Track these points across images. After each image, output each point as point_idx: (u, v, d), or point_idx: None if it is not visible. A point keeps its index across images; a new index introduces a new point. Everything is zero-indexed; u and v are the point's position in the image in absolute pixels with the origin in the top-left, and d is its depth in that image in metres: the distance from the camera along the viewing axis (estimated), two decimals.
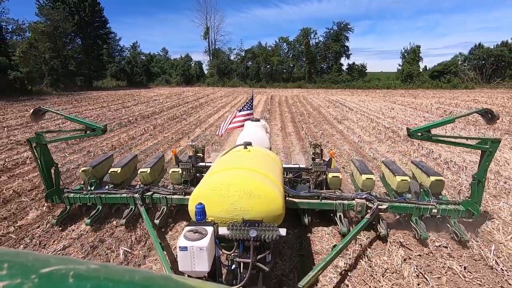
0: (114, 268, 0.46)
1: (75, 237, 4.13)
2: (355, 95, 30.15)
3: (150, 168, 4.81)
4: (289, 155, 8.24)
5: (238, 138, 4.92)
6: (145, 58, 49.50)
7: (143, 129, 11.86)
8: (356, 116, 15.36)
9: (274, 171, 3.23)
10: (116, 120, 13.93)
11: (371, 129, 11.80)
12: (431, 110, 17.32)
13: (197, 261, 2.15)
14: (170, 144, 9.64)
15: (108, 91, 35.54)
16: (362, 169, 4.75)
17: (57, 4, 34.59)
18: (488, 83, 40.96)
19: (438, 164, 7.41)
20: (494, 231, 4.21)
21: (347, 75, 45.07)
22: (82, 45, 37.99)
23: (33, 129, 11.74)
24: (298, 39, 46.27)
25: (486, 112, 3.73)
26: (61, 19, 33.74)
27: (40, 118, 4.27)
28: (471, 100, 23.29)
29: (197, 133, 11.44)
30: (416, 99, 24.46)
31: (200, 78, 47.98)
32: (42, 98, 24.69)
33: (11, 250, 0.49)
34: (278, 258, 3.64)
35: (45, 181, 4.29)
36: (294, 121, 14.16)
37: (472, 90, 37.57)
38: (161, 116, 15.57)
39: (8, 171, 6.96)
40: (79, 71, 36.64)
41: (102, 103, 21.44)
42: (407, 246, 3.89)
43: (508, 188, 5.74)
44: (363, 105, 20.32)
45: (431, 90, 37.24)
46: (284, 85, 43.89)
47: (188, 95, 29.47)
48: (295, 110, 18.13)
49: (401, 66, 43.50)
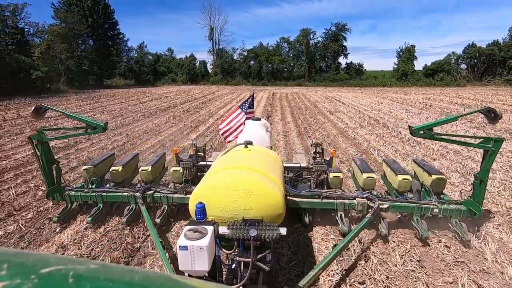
0: (114, 268, 0.47)
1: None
2: (351, 92, 32.24)
3: (151, 166, 4.85)
4: (288, 139, 10.43)
5: (238, 137, 4.99)
6: (152, 58, 51.72)
7: (165, 119, 14.09)
8: (347, 109, 17.54)
9: (274, 171, 3.25)
10: (139, 113, 16.15)
11: (357, 119, 13.99)
12: (414, 105, 19.45)
13: (197, 261, 2.16)
14: (191, 129, 11.87)
15: (119, 89, 37.75)
16: (363, 168, 4.71)
17: (71, 8, 36.83)
18: (479, 81, 42.94)
19: (412, 146, 9.60)
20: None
21: (345, 74, 47.14)
22: (94, 45, 40.25)
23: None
24: (298, 39, 48.39)
25: (488, 111, 3.68)
26: (75, 21, 36.01)
27: (41, 116, 4.30)
28: (455, 96, 25.36)
29: (210, 122, 13.66)
30: (406, 96, 26.56)
31: (204, 77, 50.21)
32: (64, 96, 26.98)
33: (11, 250, 0.50)
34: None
35: (46, 178, 4.31)
36: (292, 113, 16.35)
37: (463, 87, 39.54)
38: (177, 109, 17.78)
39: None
40: (92, 70, 38.92)
41: (120, 100, 23.66)
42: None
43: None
44: (355, 100, 22.46)
45: (424, 88, 39.22)
46: (285, 84, 46.01)
47: (195, 92, 31.67)
48: (294, 104, 20.31)
49: (396, 64, 45.53)
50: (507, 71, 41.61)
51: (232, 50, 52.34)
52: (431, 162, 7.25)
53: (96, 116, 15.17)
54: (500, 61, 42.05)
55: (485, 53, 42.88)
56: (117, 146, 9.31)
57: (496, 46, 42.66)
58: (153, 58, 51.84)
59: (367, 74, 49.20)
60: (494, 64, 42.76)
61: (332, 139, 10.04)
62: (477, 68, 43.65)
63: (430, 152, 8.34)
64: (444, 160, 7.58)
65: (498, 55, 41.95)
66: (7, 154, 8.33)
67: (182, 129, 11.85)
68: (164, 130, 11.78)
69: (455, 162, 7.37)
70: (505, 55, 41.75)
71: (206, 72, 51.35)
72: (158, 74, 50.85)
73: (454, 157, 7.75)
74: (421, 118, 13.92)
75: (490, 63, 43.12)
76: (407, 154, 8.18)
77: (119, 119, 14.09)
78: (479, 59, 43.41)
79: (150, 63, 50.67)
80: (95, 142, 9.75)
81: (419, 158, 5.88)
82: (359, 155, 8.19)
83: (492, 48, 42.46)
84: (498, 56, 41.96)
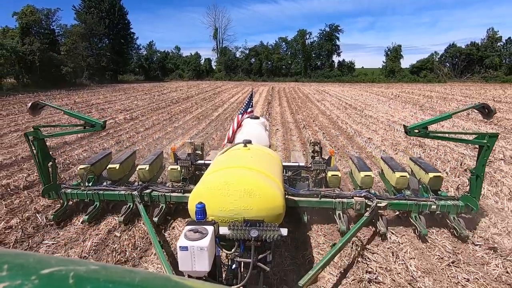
0: (114, 269, 0.47)
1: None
2: (341, 87, 36.57)
3: (149, 165, 4.82)
4: (283, 116, 14.74)
5: (237, 136, 4.96)
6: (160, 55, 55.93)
7: (190, 104, 18.43)
8: (331, 98, 21.94)
9: (274, 170, 3.27)
10: (167, 101, 20.44)
11: (337, 105, 18.39)
12: (387, 96, 23.83)
13: (198, 261, 2.15)
14: (213, 110, 16.25)
15: (132, 84, 41.95)
16: (361, 166, 4.74)
17: (91, 10, 40.95)
18: (459, 78, 47.38)
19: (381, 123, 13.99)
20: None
21: (338, 71, 51.54)
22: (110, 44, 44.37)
23: (107, 112, 18.32)
24: (296, 39, 52.73)
25: (483, 107, 3.70)
26: (95, 22, 40.13)
27: (38, 112, 4.23)
28: (429, 90, 29.77)
29: (225, 106, 18.00)
30: (386, 90, 30.95)
31: (209, 73, 54.48)
32: (91, 89, 31.14)
33: (12, 251, 0.50)
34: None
35: (41, 176, 4.22)
36: (288, 101, 20.74)
37: (443, 84, 43.92)
38: (194, 99, 22.10)
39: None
40: (108, 66, 43.11)
41: (143, 92, 27.92)
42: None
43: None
44: (341, 93, 26.84)
45: (408, 84, 43.56)
46: (283, 79, 50.34)
47: (204, 86, 35.94)
48: (289, 95, 24.69)
49: (385, 63, 49.92)
50: (484, 69, 46.13)
51: (235, 48, 56.74)
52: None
53: (135, 102, 19.44)
54: (477, 60, 46.54)
55: (464, 52, 47.35)
56: (162, 120, 13.56)
57: (474, 46, 47.11)
58: (161, 56, 56.06)
59: (363, 71, 53.72)
60: (472, 62, 47.24)
61: (314, 117, 14.38)
62: (457, 66, 48.13)
63: (371, 121, 12.72)
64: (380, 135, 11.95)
65: (476, 54, 46.42)
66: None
67: (206, 110, 16.20)
68: (193, 111, 16.10)
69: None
70: (482, 55, 46.27)
71: (210, 69, 55.66)
72: (166, 70, 55.06)
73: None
74: (385, 104, 18.34)
75: (470, 61, 47.59)
76: (360, 122, 12.53)
77: (154, 105, 18.38)
78: (459, 58, 47.89)
79: (158, 60, 54.90)
80: (145, 118, 14.04)
81: (415, 156, 5.88)
82: (330, 124, 12.54)
83: (471, 48, 46.92)
84: (476, 55, 46.43)
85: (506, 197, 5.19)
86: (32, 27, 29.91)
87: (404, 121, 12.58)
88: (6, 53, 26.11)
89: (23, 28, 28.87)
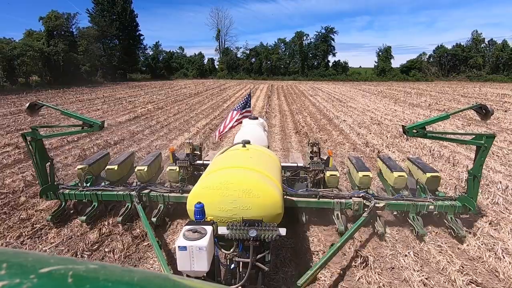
0: (113, 269, 0.47)
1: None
2: (334, 85, 39.91)
3: (147, 166, 4.84)
4: (281, 107, 18.05)
5: (236, 136, 4.99)
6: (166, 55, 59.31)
7: (202, 98, 21.78)
8: (323, 94, 25.35)
9: (272, 170, 3.28)
10: (181, 96, 23.77)
11: (327, 99, 21.77)
12: (373, 92, 27.24)
13: (197, 261, 2.16)
14: (222, 102, 19.61)
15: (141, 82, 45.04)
16: (359, 166, 4.78)
17: (104, 13, 44.27)
18: (446, 77, 50.81)
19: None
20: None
21: (333, 70, 54.97)
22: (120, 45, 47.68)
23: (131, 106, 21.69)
24: (293, 40, 56.18)
25: (480, 107, 3.71)
26: (107, 25, 43.43)
27: (36, 112, 4.22)
28: (412, 88, 33.18)
29: (232, 100, 21.34)
30: (374, 87, 34.34)
31: (212, 72, 57.88)
32: (106, 86, 34.38)
33: (10, 249, 0.50)
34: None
35: (39, 176, 4.20)
36: (285, 96, 24.14)
37: (430, 82, 47.22)
38: (205, 93, 25.45)
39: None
40: (119, 66, 46.44)
41: (155, 88, 31.22)
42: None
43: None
44: (333, 90, 30.24)
45: (398, 82, 46.88)
46: (281, 78, 53.73)
47: (209, 84, 39.28)
48: (287, 92, 28.09)
49: (377, 62, 53.36)
50: (468, 69, 49.61)
51: (236, 49, 60.26)
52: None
53: (154, 97, 22.76)
54: (462, 60, 50.03)
55: (450, 53, 50.82)
56: (184, 109, 16.86)
57: (459, 47, 50.60)
58: (167, 56, 59.43)
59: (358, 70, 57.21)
60: (458, 62, 50.73)
61: (306, 107, 17.73)
62: (444, 66, 51.60)
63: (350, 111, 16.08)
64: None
65: (461, 55, 49.90)
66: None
67: (217, 103, 19.56)
68: (206, 103, 19.44)
69: None
70: (467, 55, 49.75)
71: (213, 68, 59.09)
72: (171, 69, 58.41)
73: None
74: (366, 99, 21.74)
75: (456, 62, 51.07)
76: (341, 111, 15.88)
77: (172, 98, 21.68)
78: (446, 58, 51.37)
79: (164, 60, 58.28)
80: (169, 108, 17.35)
81: (414, 157, 5.90)
82: (317, 112, 15.86)
83: (456, 49, 50.41)
84: (461, 56, 49.91)
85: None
86: (56, 30, 33.18)
87: (377, 110, 15.96)
88: (34, 54, 29.39)
89: (49, 31, 32.13)
